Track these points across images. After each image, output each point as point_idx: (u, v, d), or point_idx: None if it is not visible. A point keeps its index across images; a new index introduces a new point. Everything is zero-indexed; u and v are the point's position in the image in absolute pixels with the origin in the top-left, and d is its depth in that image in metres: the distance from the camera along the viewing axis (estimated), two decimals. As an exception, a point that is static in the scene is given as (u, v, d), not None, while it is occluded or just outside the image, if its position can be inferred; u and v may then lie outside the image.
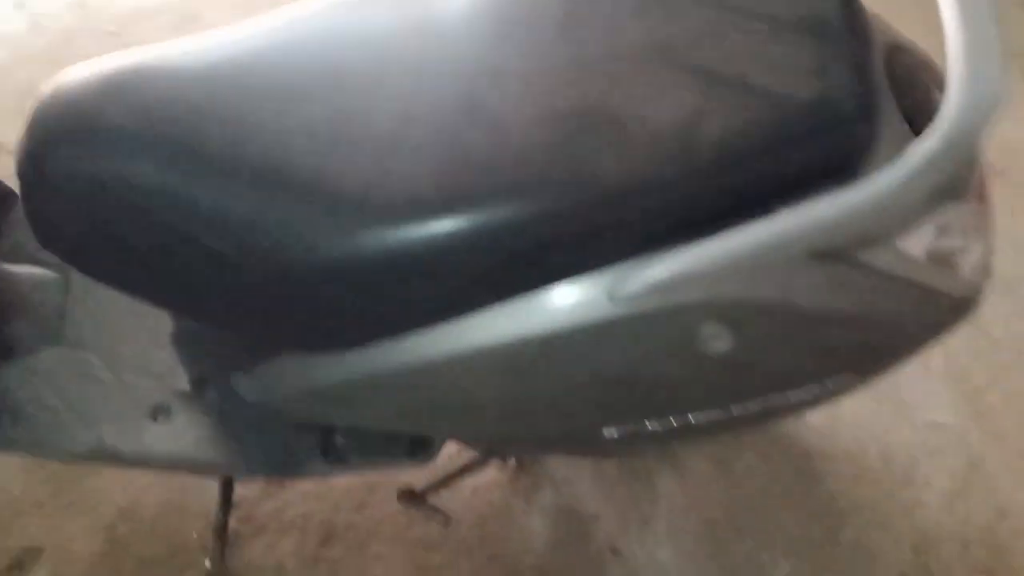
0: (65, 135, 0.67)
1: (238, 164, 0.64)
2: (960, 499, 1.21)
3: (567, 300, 0.66)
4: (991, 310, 1.41)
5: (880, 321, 0.71)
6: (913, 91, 0.67)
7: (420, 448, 0.92)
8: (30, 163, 0.68)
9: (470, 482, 1.23)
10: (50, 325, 1.03)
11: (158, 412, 0.96)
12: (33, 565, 1.17)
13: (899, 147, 0.58)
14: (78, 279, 1.08)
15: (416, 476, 1.19)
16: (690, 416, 0.79)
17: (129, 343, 1.01)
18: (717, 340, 0.67)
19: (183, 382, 0.96)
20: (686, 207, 0.62)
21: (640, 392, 0.75)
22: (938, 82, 0.71)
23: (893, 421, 1.28)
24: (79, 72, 0.69)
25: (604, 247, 0.64)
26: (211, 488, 1.21)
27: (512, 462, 1.24)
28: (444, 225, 0.61)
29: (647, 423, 0.79)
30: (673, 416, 0.78)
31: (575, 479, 1.23)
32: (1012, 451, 1.26)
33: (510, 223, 0.61)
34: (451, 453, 1.20)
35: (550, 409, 0.77)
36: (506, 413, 0.78)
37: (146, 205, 0.66)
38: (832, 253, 0.65)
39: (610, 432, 0.80)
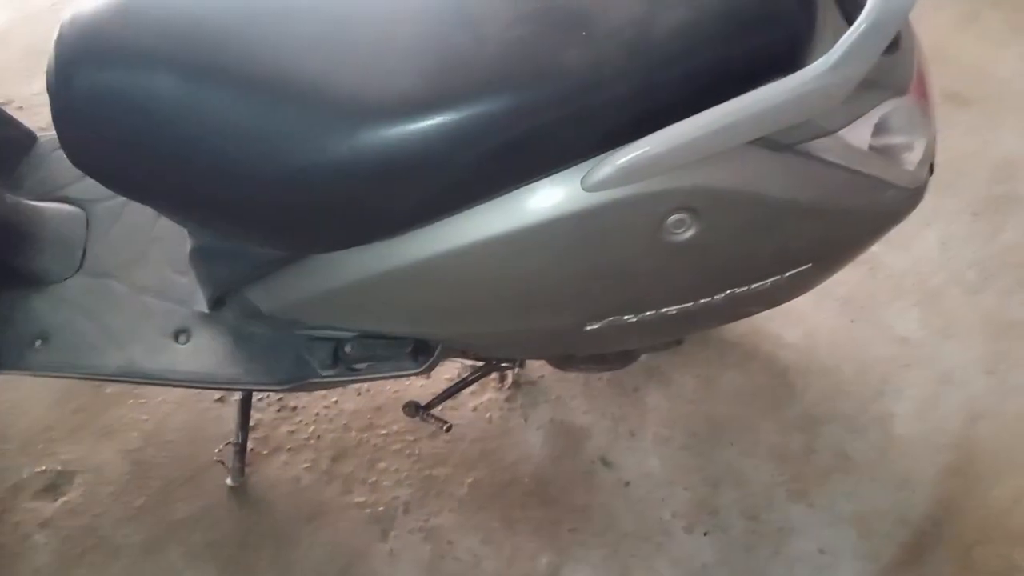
0: (88, 54, 0.74)
1: (243, 74, 0.71)
2: (931, 408, 1.29)
3: (547, 193, 0.73)
4: (962, 233, 1.49)
5: (831, 210, 0.78)
6: None
7: (422, 352, 1.00)
8: (58, 83, 0.75)
9: (470, 402, 1.31)
10: (75, 256, 1.12)
11: (180, 333, 1.04)
12: (68, 487, 1.26)
13: (836, 41, 0.65)
14: (99, 213, 1.16)
15: (419, 394, 1.28)
16: (664, 309, 0.86)
17: (150, 271, 1.09)
18: (682, 228, 0.75)
19: (202, 304, 1.04)
20: (647, 98, 0.69)
21: (617, 284, 0.82)
22: None
23: (866, 338, 1.36)
24: None
25: (576, 141, 0.72)
26: (227, 414, 1.30)
27: (508, 382, 1.32)
28: (433, 121, 0.68)
29: (624, 317, 0.87)
30: (648, 308, 0.86)
31: (567, 397, 1.32)
32: (981, 365, 1.33)
33: (491, 117, 0.69)
34: (451, 376, 1.29)
35: (536, 304, 0.85)
36: (497, 309, 0.86)
37: (162, 114, 0.73)
38: (782, 142, 0.73)
39: (592, 326, 0.88)
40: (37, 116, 1.22)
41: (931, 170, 0.86)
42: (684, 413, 1.29)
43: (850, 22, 0.74)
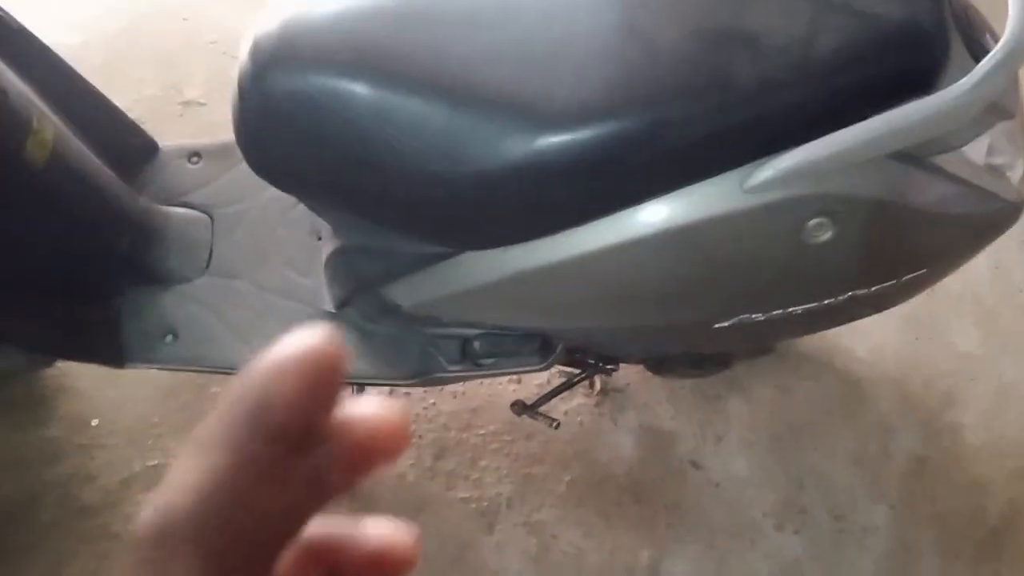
0: (284, 60, 0.80)
1: (430, 82, 0.78)
2: (995, 418, 1.38)
3: (707, 194, 0.81)
4: (1012, 259, 1.59)
5: (950, 218, 0.87)
6: (968, 27, 0.84)
7: (546, 349, 1.07)
8: (253, 86, 0.81)
9: (562, 406, 1.38)
10: (201, 258, 1.18)
11: None
12: (179, 480, 1.31)
13: (963, 69, 0.74)
14: (222, 218, 1.23)
15: (514, 397, 1.34)
16: (791, 308, 0.94)
17: (274, 273, 1.16)
18: (821, 231, 0.83)
19: (327, 304, 1.11)
20: (803, 110, 0.78)
21: (755, 283, 0.90)
22: (982, 25, 0.89)
23: (931, 353, 1.45)
24: (288, 5, 0.83)
25: (737, 148, 0.80)
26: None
27: (597, 388, 1.39)
28: (610, 127, 0.77)
29: (754, 315, 0.95)
30: (778, 307, 0.94)
31: (654, 403, 1.39)
32: (1038, 378, 1.43)
33: (663, 123, 0.77)
34: (540, 383, 1.36)
35: (677, 300, 0.92)
36: (639, 304, 0.94)
37: (353, 118, 0.79)
38: (914, 156, 0.82)
39: (721, 323, 0.96)
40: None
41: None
42: (765, 420, 1.37)
43: (971, 52, 0.85)
